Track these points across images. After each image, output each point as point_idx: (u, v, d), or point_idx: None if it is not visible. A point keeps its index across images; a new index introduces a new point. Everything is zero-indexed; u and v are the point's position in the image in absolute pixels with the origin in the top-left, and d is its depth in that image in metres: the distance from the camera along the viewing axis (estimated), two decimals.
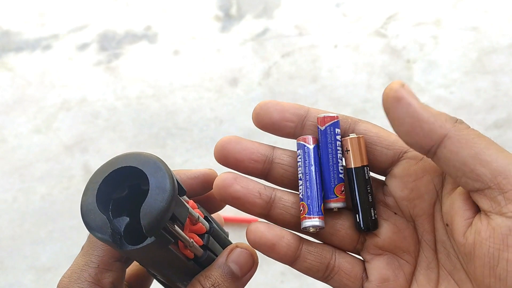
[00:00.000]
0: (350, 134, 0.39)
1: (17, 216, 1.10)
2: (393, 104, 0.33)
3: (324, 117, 0.40)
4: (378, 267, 0.40)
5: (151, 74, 1.27)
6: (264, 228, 0.39)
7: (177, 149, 1.14)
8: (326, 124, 0.39)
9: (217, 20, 1.34)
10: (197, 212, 0.40)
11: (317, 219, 0.39)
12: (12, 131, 1.21)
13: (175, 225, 0.35)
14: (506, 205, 0.33)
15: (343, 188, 0.39)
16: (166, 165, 0.36)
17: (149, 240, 0.33)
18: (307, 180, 0.39)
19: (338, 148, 0.38)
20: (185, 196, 0.39)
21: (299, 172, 0.40)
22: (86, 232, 0.38)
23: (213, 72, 1.25)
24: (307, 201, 0.39)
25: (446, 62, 1.21)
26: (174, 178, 0.35)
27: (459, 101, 1.15)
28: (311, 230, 0.40)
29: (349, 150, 0.39)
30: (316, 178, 0.39)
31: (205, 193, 0.44)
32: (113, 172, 0.36)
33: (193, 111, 1.20)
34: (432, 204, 0.39)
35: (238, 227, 1.04)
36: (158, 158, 0.36)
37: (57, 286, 0.39)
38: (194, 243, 0.38)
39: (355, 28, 1.28)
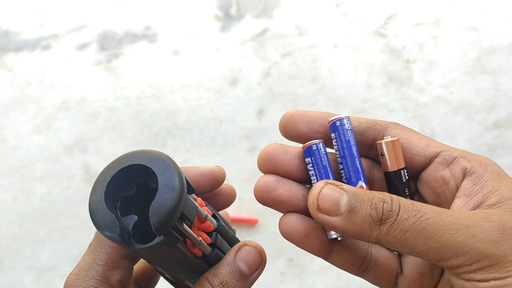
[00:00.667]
0: (385, 138, 0.40)
1: (17, 216, 1.10)
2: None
3: (333, 118, 0.40)
4: (415, 262, 0.41)
5: (151, 74, 1.27)
6: (296, 219, 0.39)
7: (177, 149, 1.14)
8: (335, 121, 0.39)
9: (217, 20, 1.34)
10: (205, 210, 0.39)
11: None
12: (12, 131, 1.21)
13: (184, 224, 0.35)
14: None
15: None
16: (175, 163, 0.35)
17: (158, 239, 0.33)
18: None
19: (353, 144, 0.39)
20: (193, 194, 0.39)
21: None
22: (86, 232, 0.38)
23: (213, 72, 1.25)
24: None
25: (446, 62, 1.21)
26: (183, 176, 0.34)
27: (458, 101, 1.15)
28: (339, 239, 0.39)
29: (384, 154, 0.40)
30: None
31: (212, 190, 0.44)
32: (121, 170, 0.35)
33: (192, 111, 1.20)
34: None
35: (238, 227, 1.04)
36: (167, 156, 0.35)
37: (64, 283, 0.39)
38: (203, 241, 0.38)
39: (355, 28, 1.28)
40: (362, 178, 0.38)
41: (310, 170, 0.40)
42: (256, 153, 1.17)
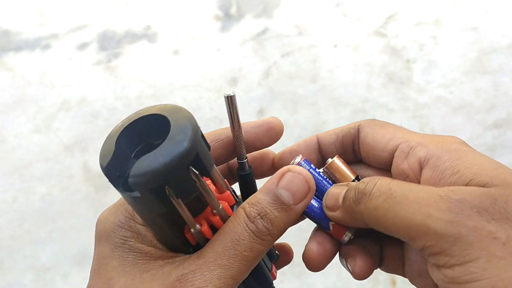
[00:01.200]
0: (327, 161, 0.41)
1: (16, 216, 1.10)
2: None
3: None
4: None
5: (150, 74, 1.27)
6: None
7: None
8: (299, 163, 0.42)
9: (217, 20, 1.34)
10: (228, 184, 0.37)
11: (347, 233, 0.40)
12: (12, 131, 1.21)
13: (199, 176, 0.31)
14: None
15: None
16: (188, 112, 0.33)
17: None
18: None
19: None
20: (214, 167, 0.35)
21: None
22: (86, 232, 0.38)
23: (212, 72, 1.25)
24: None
25: (446, 62, 1.21)
26: (196, 122, 0.32)
27: (458, 101, 1.15)
28: (348, 239, 0.40)
29: (334, 176, 0.41)
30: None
31: (271, 143, 0.41)
32: (142, 118, 0.33)
33: (192, 110, 1.20)
34: None
35: None
36: (182, 107, 0.33)
37: (98, 217, 0.38)
38: (224, 209, 0.34)
39: (355, 28, 1.28)
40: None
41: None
42: None
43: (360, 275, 0.39)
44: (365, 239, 0.40)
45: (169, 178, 0.30)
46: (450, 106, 1.15)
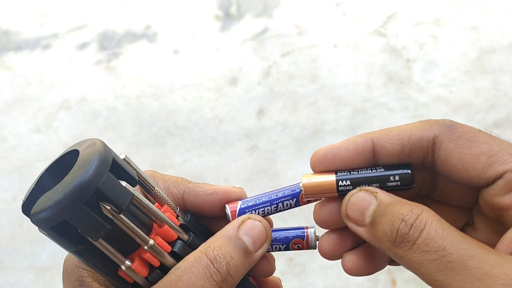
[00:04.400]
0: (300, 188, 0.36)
1: (16, 216, 1.10)
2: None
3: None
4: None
5: (150, 74, 1.27)
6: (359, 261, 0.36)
7: (177, 148, 1.14)
8: None
9: (217, 20, 1.34)
10: (171, 219, 0.35)
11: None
12: (12, 130, 1.21)
13: (107, 205, 0.30)
14: None
15: None
16: (107, 146, 0.32)
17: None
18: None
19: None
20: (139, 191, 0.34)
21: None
22: None
23: (212, 72, 1.25)
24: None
25: (446, 61, 1.21)
26: (107, 153, 0.30)
27: (458, 100, 1.15)
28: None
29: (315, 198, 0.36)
30: None
31: (220, 215, 0.38)
32: (58, 159, 0.33)
33: (192, 110, 1.20)
34: None
35: None
36: (99, 140, 0.32)
37: (64, 259, 0.38)
38: (156, 245, 0.32)
39: (355, 28, 1.28)
40: None
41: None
42: (256, 153, 1.17)
43: (352, 272, 0.36)
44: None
45: (66, 214, 0.29)
46: (450, 106, 1.15)
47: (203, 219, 0.38)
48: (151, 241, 0.32)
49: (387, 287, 0.95)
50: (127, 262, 0.32)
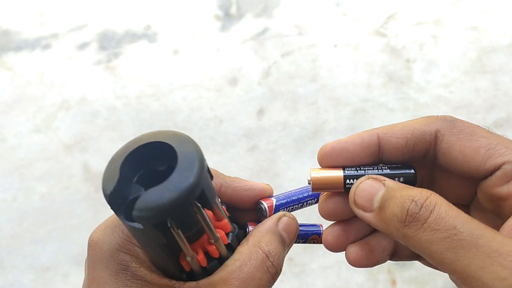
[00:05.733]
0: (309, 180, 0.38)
1: (16, 216, 1.10)
2: None
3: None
4: None
5: (150, 74, 1.27)
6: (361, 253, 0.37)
7: None
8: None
9: (217, 20, 1.34)
10: (225, 212, 0.37)
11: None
12: (12, 130, 1.21)
13: (202, 209, 0.31)
14: None
15: None
16: (195, 143, 0.33)
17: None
18: None
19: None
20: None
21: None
22: (85, 232, 0.37)
23: (212, 72, 1.25)
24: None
25: (446, 61, 1.21)
26: (203, 154, 0.32)
27: (458, 100, 1.15)
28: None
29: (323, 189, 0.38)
30: None
31: (250, 208, 0.40)
32: (146, 145, 0.33)
33: (192, 110, 1.20)
34: None
35: None
36: (186, 135, 0.34)
37: (90, 238, 0.36)
38: (220, 239, 0.34)
39: (355, 28, 1.28)
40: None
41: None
42: (256, 153, 1.17)
43: (355, 263, 0.37)
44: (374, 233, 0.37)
45: (173, 213, 0.31)
46: (450, 106, 1.15)
47: (227, 209, 0.40)
48: (218, 235, 0.34)
49: (387, 287, 0.95)
50: (194, 254, 0.34)
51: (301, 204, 0.40)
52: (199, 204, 0.32)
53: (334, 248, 0.37)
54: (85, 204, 1.09)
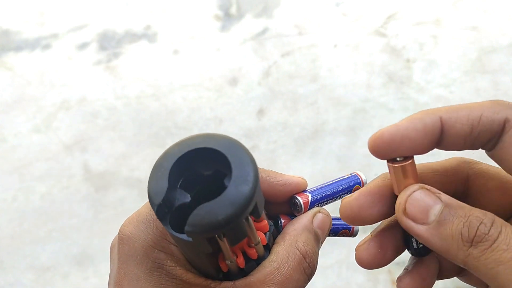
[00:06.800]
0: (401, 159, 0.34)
1: (16, 216, 1.10)
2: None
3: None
4: None
5: (150, 74, 1.27)
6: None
7: None
8: None
9: (217, 20, 1.34)
10: None
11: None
12: (12, 130, 1.21)
13: (249, 218, 0.31)
14: None
15: None
16: (247, 150, 0.32)
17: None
18: None
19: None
20: None
21: None
22: (85, 232, 0.37)
23: (212, 72, 1.25)
24: None
25: (446, 61, 1.21)
26: (256, 163, 0.31)
27: (459, 100, 1.15)
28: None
29: (396, 178, 0.35)
30: None
31: (283, 202, 0.39)
32: (196, 150, 0.32)
33: (192, 110, 1.20)
34: None
35: None
36: (239, 142, 0.32)
37: (121, 231, 0.34)
38: (261, 242, 0.34)
39: (355, 28, 1.28)
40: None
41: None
42: (256, 153, 1.17)
43: (367, 265, 0.35)
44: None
45: (227, 228, 0.30)
46: None
47: None
48: (259, 238, 0.34)
49: (387, 287, 0.95)
50: (234, 257, 0.33)
51: (335, 198, 0.40)
52: (249, 216, 0.31)
53: (369, 266, 0.35)
54: (85, 204, 1.09)
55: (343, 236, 0.41)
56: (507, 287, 0.28)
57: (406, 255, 0.36)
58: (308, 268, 0.34)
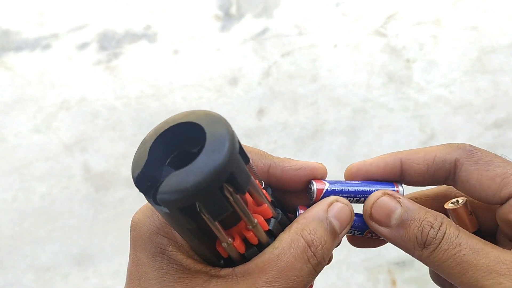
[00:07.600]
0: (451, 202, 0.39)
1: (16, 216, 1.10)
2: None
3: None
4: None
5: (150, 74, 1.27)
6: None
7: None
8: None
9: (217, 20, 1.34)
10: (266, 196, 0.35)
11: None
12: (12, 130, 1.21)
13: (234, 192, 0.30)
14: None
15: None
16: (227, 123, 0.31)
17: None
18: None
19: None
20: (250, 164, 0.34)
21: None
22: (85, 232, 0.37)
23: (212, 72, 1.25)
24: None
25: (446, 61, 1.21)
26: (235, 135, 0.30)
27: (458, 100, 1.15)
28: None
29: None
30: None
31: (300, 190, 0.39)
32: (178, 125, 0.32)
33: None
34: None
35: None
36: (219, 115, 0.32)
37: (132, 219, 0.35)
38: (259, 225, 0.33)
39: (355, 28, 1.28)
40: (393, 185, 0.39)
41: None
42: None
43: (357, 244, 0.40)
44: None
45: (199, 197, 0.29)
46: (450, 106, 1.15)
47: (277, 191, 0.38)
48: (256, 221, 0.33)
49: (387, 287, 0.95)
50: (230, 240, 0.32)
51: (357, 198, 0.37)
52: (230, 189, 0.30)
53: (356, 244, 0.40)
54: (85, 204, 1.09)
55: (372, 236, 0.39)
56: (451, 279, 0.34)
57: (406, 255, 0.36)
58: (313, 257, 0.33)
